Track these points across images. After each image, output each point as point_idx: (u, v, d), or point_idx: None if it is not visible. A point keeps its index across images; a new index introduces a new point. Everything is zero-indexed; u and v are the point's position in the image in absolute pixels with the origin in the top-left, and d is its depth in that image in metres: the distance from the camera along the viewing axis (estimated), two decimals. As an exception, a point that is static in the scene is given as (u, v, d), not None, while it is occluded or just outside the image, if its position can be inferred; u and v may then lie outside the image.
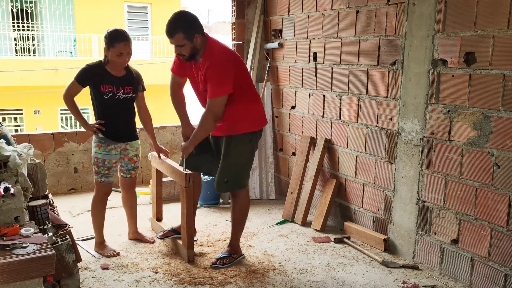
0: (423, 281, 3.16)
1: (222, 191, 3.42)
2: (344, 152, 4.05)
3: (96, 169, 3.48)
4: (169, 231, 3.61)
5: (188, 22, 3.04)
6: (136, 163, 3.63)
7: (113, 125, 3.45)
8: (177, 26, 3.01)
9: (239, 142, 3.25)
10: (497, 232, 2.85)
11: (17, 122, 14.66)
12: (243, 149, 3.28)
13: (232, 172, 3.30)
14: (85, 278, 3.11)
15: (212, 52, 3.09)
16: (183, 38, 3.02)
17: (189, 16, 3.09)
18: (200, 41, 3.07)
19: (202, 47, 3.09)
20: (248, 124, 3.27)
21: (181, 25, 3.01)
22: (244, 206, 3.43)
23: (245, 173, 3.37)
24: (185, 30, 3.00)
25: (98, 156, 3.45)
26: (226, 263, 3.34)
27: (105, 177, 3.48)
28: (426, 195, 3.31)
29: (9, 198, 2.47)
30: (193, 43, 3.04)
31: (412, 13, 3.30)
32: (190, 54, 3.09)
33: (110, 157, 3.45)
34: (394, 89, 3.50)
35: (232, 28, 5.24)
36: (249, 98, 3.28)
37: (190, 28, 3.02)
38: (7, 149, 2.70)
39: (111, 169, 3.48)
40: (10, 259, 2.17)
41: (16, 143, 3.17)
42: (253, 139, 3.32)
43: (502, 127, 2.78)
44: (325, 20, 4.14)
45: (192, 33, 3.03)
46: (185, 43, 3.04)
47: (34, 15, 14.58)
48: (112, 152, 3.46)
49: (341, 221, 4.11)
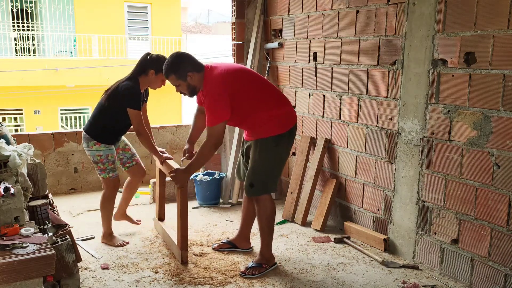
0: (423, 281, 3.16)
1: (249, 195, 3.29)
2: (344, 152, 4.05)
3: (102, 167, 3.58)
4: (225, 244, 3.63)
5: (179, 64, 3.13)
6: (131, 150, 3.80)
7: (117, 133, 3.66)
8: (169, 69, 3.14)
9: (264, 146, 3.18)
10: (497, 232, 2.85)
11: (17, 122, 14.66)
12: (269, 153, 3.19)
13: (258, 176, 3.20)
14: (85, 278, 3.11)
15: (207, 82, 3.14)
16: (176, 78, 3.14)
17: (180, 57, 3.16)
18: (196, 77, 3.14)
19: (199, 82, 3.16)
20: (273, 127, 3.18)
21: (172, 67, 3.13)
22: (268, 212, 3.27)
23: (271, 178, 3.26)
24: (177, 71, 3.12)
25: (101, 153, 3.55)
26: (255, 273, 3.19)
27: (112, 172, 3.60)
28: (426, 195, 3.31)
29: (9, 198, 2.47)
30: (188, 81, 3.13)
31: (412, 13, 3.30)
32: (189, 91, 3.20)
33: (111, 151, 3.60)
34: (394, 89, 3.50)
35: (232, 28, 5.24)
36: (268, 105, 3.19)
37: (181, 68, 3.11)
38: (7, 149, 2.70)
39: (115, 162, 3.63)
40: (10, 259, 2.17)
41: (16, 143, 3.18)
42: (281, 143, 3.20)
43: (502, 127, 2.78)
44: (325, 20, 4.14)
45: (184, 73, 3.11)
46: (180, 83, 3.15)
47: (34, 15, 14.57)
48: (111, 146, 3.63)
49: (341, 221, 4.11)
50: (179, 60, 3.14)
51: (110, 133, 3.60)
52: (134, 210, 4.53)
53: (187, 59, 3.16)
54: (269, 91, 3.25)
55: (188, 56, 3.19)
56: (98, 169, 3.61)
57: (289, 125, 3.23)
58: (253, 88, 3.20)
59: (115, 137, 3.66)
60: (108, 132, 3.58)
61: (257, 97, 3.19)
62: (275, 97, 3.24)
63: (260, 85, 3.24)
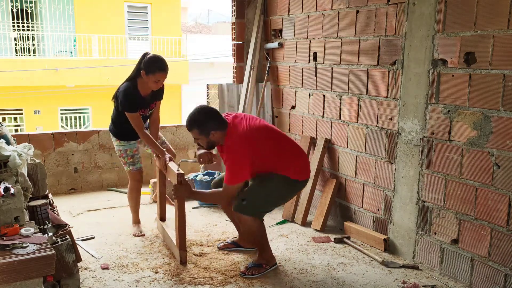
0: (423, 281, 3.16)
1: (235, 209, 3.20)
2: (344, 152, 4.05)
3: (123, 161, 3.83)
4: (229, 244, 3.65)
5: (204, 121, 3.13)
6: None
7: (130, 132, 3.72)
8: (193, 123, 3.15)
9: (276, 177, 3.18)
10: (497, 232, 2.85)
11: (17, 122, 14.66)
12: (275, 184, 3.18)
13: (253, 196, 3.16)
14: (85, 278, 3.11)
15: (228, 139, 3.15)
16: (198, 134, 3.16)
17: (206, 114, 3.16)
18: (218, 135, 3.16)
19: (221, 139, 3.18)
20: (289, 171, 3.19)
21: (196, 123, 3.14)
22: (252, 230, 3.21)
23: (264, 206, 3.23)
24: (200, 127, 3.14)
25: (120, 148, 3.80)
26: (255, 273, 3.19)
27: (132, 165, 3.82)
28: (426, 195, 3.31)
29: (9, 198, 2.48)
30: (209, 138, 3.16)
31: (412, 13, 3.30)
32: (208, 146, 3.24)
33: (130, 146, 3.80)
34: (394, 89, 3.50)
35: (232, 28, 5.24)
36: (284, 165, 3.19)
37: (206, 126, 3.13)
38: (7, 149, 2.71)
39: (134, 156, 3.81)
40: (10, 259, 2.18)
41: (16, 143, 3.18)
42: (289, 185, 3.21)
43: (502, 127, 2.78)
44: (325, 20, 4.14)
45: (208, 131, 3.13)
46: (201, 138, 3.18)
47: (34, 15, 14.57)
48: (131, 141, 3.80)
49: (341, 221, 4.11)
50: (204, 117, 3.15)
51: (127, 130, 3.70)
52: (134, 210, 4.53)
53: (213, 116, 3.16)
54: (286, 148, 3.25)
55: (214, 113, 3.18)
56: (122, 163, 3.88)
57: (302, 177, 3.26)
58: (272, 148, 3.21)
59: (134, 133, 3.70)
60: (124, 129, 3.72)
61: (275, 159, 3.20)
62: (292, 151, 3.26)
63: (278, 143, 3.24)
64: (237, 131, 3.15)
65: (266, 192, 3.19)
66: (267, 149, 3.18)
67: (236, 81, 5.26)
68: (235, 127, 3.17)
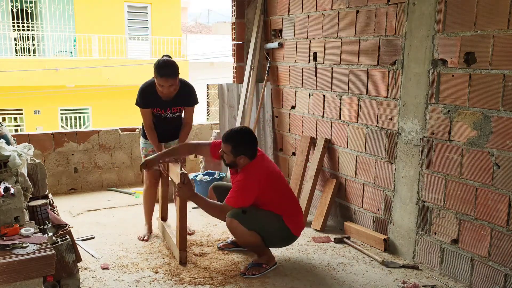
0: (423, 281, 3.16)
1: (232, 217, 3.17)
2: (344, 152, 4.05)
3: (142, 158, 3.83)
4: (229, 244, 3.67)
5: (242, 144, 3.20)
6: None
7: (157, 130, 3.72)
8: (231, 140, 3.21)
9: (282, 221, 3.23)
10: (497, 232, 2.85)
11: (17, 122, 14.66)
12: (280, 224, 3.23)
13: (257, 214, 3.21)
14: (85, 278, 3.11)
15: (249, 168, 3.21)
16: (229, 150, 3.21)
17: (246, 139, 3.23)
18: (243, 161, 3.22)
19: (242, 165, 3.23)
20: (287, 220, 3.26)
21: (234, 141, 3.20)
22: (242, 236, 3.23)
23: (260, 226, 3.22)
24: (234, 146, 3.19)
25: (142, 145, 3.87)
26: (255, 273, 3.20)
27: None
28: (426, 195, 3.31)
29: (9, 198, 2.48)
30: (236, 159, 3.21)
31: (412, 13, 3.30)
32: (229, 164, 3.28)
33: (147, 145, 3.82)
34: (394, 89, 3.50)
35: (232, 28, 5.24)
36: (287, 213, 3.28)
37: (240, 148, 3.19)
38: (7, 149, 2.71)
39: (148, 156, 3.73)
40: (10, 259, 2.18)
41: (16, 143, 3.18)
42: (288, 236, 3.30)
43: (502, 127, 2.78)
44: (325, 20, 4.14)
45: (239, 153, 3.19)
46: (229, 155, 3.22)
47: (34, 15, 14.57)
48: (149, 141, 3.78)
49: (341, 221, 4.11)
50: (243, 141, 3.21)
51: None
52: (134, 210, 4.53)
53: (250, 144, 3.24)
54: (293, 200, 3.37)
55: (253, 143, 3.25)
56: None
57: (298, 233, 3.35)
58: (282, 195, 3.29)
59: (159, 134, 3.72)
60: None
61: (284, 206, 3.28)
62: (297, 205, 3.38)
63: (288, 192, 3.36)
64: (260, 166, 3.24)
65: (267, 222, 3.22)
66: (277, 194, 3.26)
67: (236, 81, 5.26)
68: (261, 160, 3.28)
